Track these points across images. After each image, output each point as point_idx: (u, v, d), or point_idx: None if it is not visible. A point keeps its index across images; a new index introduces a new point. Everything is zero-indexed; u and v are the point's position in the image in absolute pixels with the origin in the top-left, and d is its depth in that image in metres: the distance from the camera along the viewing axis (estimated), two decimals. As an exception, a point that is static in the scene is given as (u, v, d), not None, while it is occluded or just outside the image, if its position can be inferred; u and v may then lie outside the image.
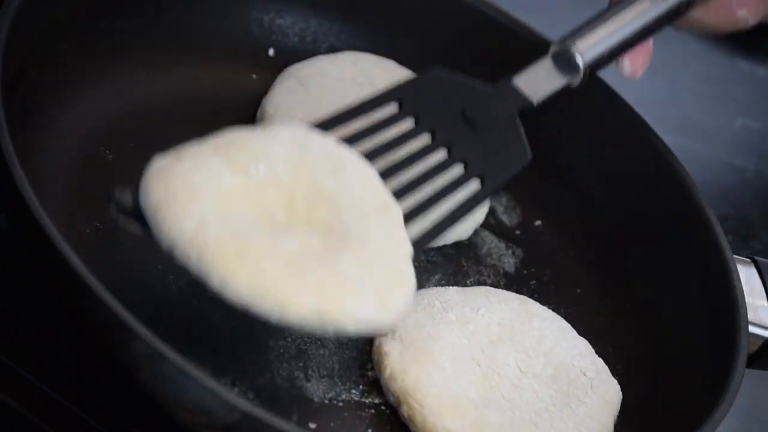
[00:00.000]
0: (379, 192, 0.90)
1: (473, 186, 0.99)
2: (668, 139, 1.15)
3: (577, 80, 1.04)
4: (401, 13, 1.19)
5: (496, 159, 1.01)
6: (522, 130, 1.03)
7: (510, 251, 1.14)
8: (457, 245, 1.12)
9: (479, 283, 1.09)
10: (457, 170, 0.99)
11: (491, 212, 1.16)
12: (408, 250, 0.88)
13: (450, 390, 0.94)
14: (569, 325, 1.04)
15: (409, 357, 0.95)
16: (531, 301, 1.04)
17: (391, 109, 0.99)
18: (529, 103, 1.03)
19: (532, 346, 1.00)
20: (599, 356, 1.05)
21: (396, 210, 0.90)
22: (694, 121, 1.54)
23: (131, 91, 1.07)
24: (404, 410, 0.94)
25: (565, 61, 1.03)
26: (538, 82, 1.04)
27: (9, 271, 0.94)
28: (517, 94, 1.04)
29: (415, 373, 0.94)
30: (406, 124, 0.99)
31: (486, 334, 1.00)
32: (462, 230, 1.10)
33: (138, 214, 0.83)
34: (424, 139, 0.99)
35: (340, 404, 0.94)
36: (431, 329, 0.98)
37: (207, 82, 1.13)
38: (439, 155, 0.99)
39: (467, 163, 1.00)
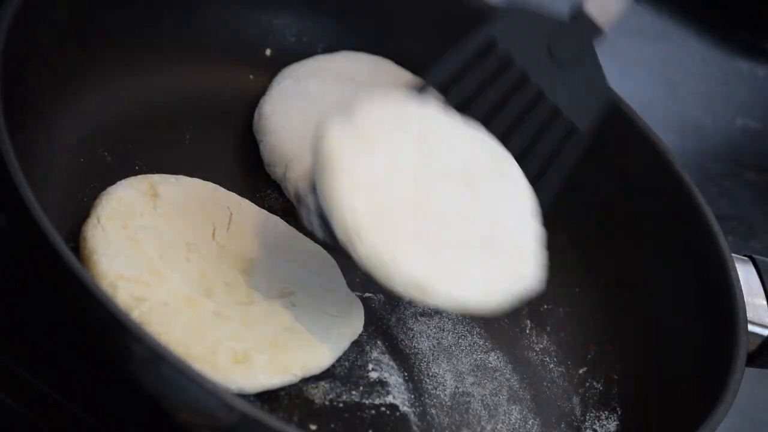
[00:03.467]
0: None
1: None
2: (668, 139, 1.15)
3: None
4: (398, 13, 1.19)
5: (582, 100, 1.07)
6: (599, 63, 1.08)
7: (509, 251, 1.14)
8: (457, 245, 1.12)
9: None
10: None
11: (490, 212, 1.16)
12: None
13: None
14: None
15: None
16: None
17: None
18: (601, 32, 1.08)
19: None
20: (599, 355, 1.05)
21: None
22: (694, 121, 1.54)
23: (129, 93, 1.07)
24: None
25: None
26: (605, 6, 1.08)
27: (9, 271, 0.94)
28: (591, 24, 1.08)
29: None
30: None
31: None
32: None
33: None
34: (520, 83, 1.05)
35: (341, 405, 0.94)
36: None
37: (205, 83, 1.12)
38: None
39: (559, 108, 1.06)
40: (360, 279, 1.04)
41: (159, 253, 0.91)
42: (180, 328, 0.87)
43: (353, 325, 0.97)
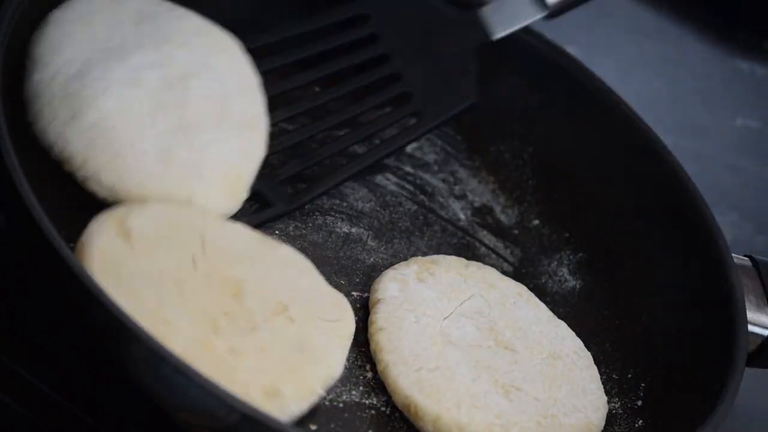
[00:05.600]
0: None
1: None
2: (668, 139, 1.15)
3: (543, 13, 1.09)
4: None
5: (441, 95, 1.07)
6: (476, 67, 1.08)
7: (508, 251, 1.14)
8: (456, 245, 1.12)
9: (479, 283, 1.09)
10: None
11: (489, 212, 1.16)
12: None
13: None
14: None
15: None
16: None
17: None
18: (488, 39, 1.09)
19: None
20: (599, 355, 1.05)
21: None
22: (694, 121, 1.54)
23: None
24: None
25: None
26: (505, 16, 1.09)
27: (9, 271, 0.94)
28: (479, 27, 1.08)
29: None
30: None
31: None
32: None
33: None
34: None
35: (341, 405, 0.94)
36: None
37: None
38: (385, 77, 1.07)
39: (411, 94, 1.07)
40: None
41: (158, 299, 0.89)
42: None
43: (347, 326, 0.97)
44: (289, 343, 0.92)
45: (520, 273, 1.12)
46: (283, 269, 0.97)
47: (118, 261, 0.90)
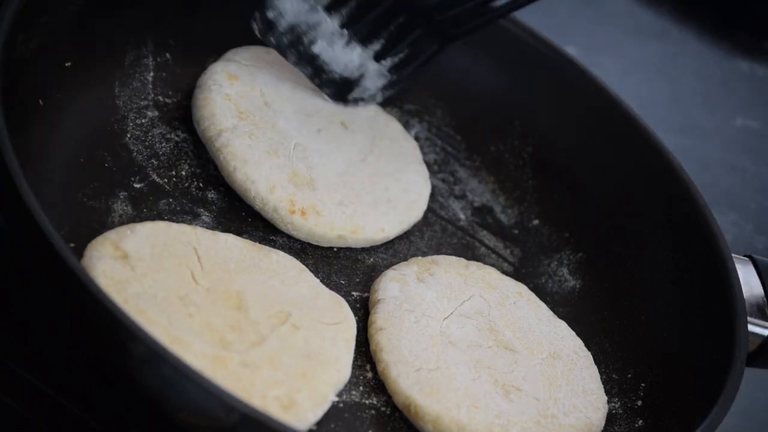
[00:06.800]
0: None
1: None
2: (668, 139, 1.15)
3: None
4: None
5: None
6: None
7: (508, 250, 1.14)
8: (456, 245, 1.12)
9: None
10: None
11: (489, 212, 1.16)
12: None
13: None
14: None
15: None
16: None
17: None
18: None
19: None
20: (599, 355, 1.05)
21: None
22: (694, 121, 1.54)
23: (129, 93, 1.06)
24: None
25: None
26: None
27: (9, 271, 0.94)
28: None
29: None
30: None
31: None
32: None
33: None
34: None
35: (341, 405, 0.95)
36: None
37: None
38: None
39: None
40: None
41: (166, 318, 0.90)
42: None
43: (349, 327, 0.97)
44: (297, 351, 0.92)
45: (520, 273, 1.12)
46: (279, 275, 0.98)
47: (122, 283, 0.91)
